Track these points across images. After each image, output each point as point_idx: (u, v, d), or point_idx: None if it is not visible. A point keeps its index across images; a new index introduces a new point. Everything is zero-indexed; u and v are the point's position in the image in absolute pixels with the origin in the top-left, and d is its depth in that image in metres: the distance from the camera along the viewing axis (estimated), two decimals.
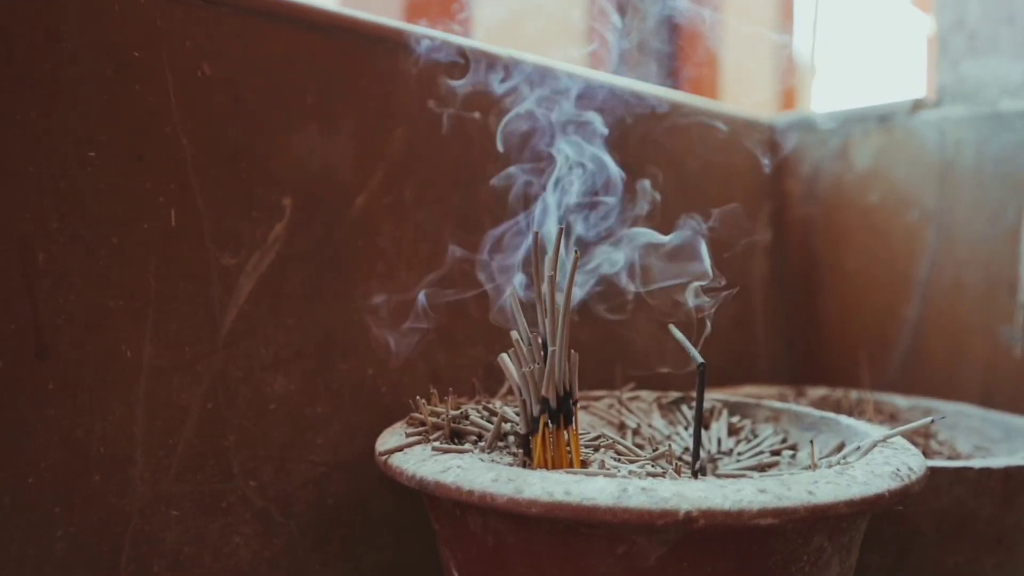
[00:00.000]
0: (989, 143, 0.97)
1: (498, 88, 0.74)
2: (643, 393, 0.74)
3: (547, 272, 0.51)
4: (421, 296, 0.70)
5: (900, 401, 0.90)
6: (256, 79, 0.60)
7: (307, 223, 0.63)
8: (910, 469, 0.46)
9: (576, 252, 0.51)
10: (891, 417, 0.88)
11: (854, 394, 0.91)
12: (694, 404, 0.70)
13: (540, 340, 0.52)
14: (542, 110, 0.78)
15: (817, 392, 0.94)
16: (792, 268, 1.16)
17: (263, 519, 0.61)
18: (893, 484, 0.44)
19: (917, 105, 1.03)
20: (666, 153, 0.92)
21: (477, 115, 0.73)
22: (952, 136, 1.00)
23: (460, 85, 0.72)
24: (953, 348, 1.02)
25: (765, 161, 1.11)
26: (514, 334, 0.54)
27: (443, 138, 0.71)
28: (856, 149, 1.09)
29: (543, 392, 0.51)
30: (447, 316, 0.72)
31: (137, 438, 0.54)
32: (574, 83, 0.81)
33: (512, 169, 0.73)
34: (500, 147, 0.74)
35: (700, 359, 0.50)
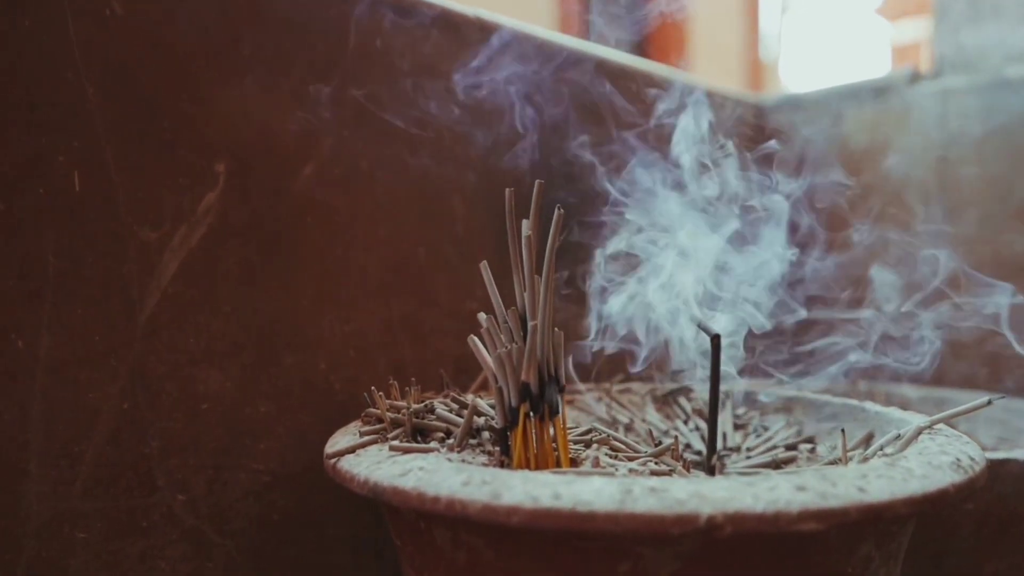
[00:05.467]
0: (995, 113, 0.90)
1: (466, 48, 0.66)
2: (634, 385, 0.65)
3: (525, 233, 0.42)
4: (384, 281, 0.61)
5: (910, 392, 0.83)
6: (180, 23, 0.51)
7: (245, 194, 0.55)
8: (971, 459, 0.38)
9: (559, 210, 0.42)
10: (902, 409, 0.81)
11: (862, 385, 0.83)
12: (692, 396, 0.62)
13: (518, 316, 0.44)
14: (518, 77, 0.70)
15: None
16: None
17: (194, 539, 0.52)
18: (957, 477, 0.35)
19: (915, 76, 0.96)
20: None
21: (445, 73, 0.65)
22: (955, 107, 0.93)
23: (424, 40, 0.63)
24: (958, 335, 0.95)
25: (752, 141, 1.04)
26: (482, 315, 0.46)
27: (405, 99, 0.63)
28: (849, 126, 1.02)
29: (523, 377, 0.42)
30: (412, 304, 0.64)
31: (32, 446, 0.45)
32: (554, 51, 0.73)
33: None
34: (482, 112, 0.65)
35: (713, 330, 0.42)
